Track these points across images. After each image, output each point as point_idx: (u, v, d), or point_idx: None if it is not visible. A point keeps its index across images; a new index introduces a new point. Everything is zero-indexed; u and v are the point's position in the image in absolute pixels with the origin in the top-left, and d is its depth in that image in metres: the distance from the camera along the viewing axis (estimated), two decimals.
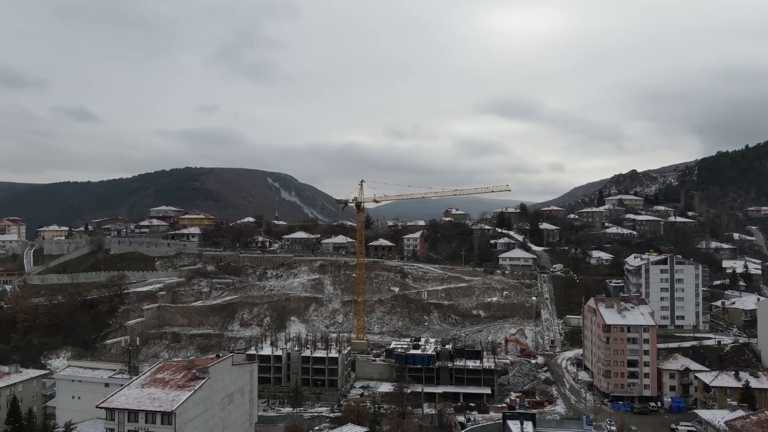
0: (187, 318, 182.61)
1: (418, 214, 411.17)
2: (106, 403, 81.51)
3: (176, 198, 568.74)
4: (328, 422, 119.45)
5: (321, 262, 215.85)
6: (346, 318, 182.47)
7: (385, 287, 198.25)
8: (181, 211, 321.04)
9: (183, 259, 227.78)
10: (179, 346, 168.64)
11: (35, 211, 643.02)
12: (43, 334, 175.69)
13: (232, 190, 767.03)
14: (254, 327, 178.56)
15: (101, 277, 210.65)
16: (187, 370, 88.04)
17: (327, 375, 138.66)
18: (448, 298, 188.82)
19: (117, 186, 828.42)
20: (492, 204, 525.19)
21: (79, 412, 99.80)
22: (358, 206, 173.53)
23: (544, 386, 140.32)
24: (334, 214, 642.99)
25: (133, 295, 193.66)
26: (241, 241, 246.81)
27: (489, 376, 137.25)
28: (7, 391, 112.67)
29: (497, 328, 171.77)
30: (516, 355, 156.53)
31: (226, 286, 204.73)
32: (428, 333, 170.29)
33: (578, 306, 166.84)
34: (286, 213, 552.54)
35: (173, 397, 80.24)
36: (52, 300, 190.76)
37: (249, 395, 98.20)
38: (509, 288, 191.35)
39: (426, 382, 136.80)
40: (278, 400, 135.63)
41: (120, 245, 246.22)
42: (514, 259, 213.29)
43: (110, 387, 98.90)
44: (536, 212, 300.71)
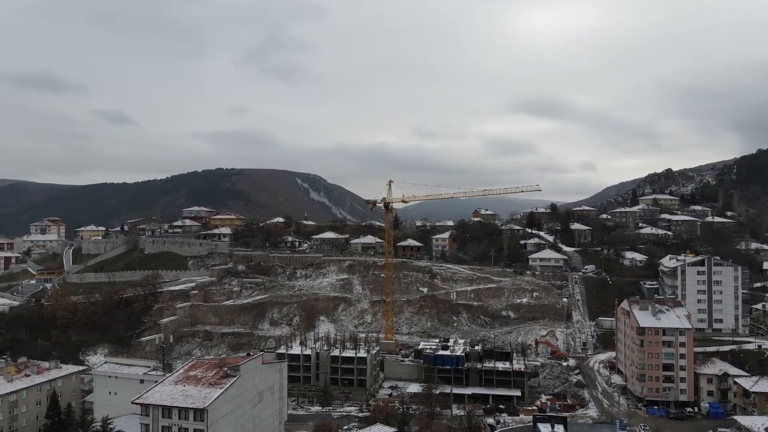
0: (218, 317, 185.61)
1: (447, 215, 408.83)
2: (141, 399, 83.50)
3: (208, 198, 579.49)
4: (356, 422, 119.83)
5: (350, 262, 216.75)
6: (374, 318, 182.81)
7: (413, 288, 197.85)
8: (212, 211, 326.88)
9: (214, 259, 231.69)
10: (211, 344, 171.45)
11: (74, 211, 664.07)
12: (81, 331, 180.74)
13: (262, 191, 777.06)
14: (284, 326, 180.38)
15: (136, 276, 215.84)
16: (218, 368, 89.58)
17: (356, 375, 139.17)
18: (477, 298, 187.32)
19: (151, 187, 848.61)
20: (521, 204, 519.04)
21: (115, 407, 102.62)
22: (387, 206, 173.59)
23: (576, 389, 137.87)
24: (363, 215, 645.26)
25: (166, 293, 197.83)
26: (271, 241, 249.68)
27: (519, 378, 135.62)
28: (48, 386, 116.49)
29: (527, 329, 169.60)
30: (546, 357, 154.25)
31: (257, 286, 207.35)
32: (457, 334, 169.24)
33: (611, 308, 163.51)
34: (315, 213, 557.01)
35: (205, 395, 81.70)
36: (90, 298, 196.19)
37: (279, 393, 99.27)
38: (539, 289, 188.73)
39: (455, 383, 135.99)
40: (307, 398, 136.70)
41: (154, 245, 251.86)
42: (544, 259, 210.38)
43: (145, 383, 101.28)
44: (567, 212, 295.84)
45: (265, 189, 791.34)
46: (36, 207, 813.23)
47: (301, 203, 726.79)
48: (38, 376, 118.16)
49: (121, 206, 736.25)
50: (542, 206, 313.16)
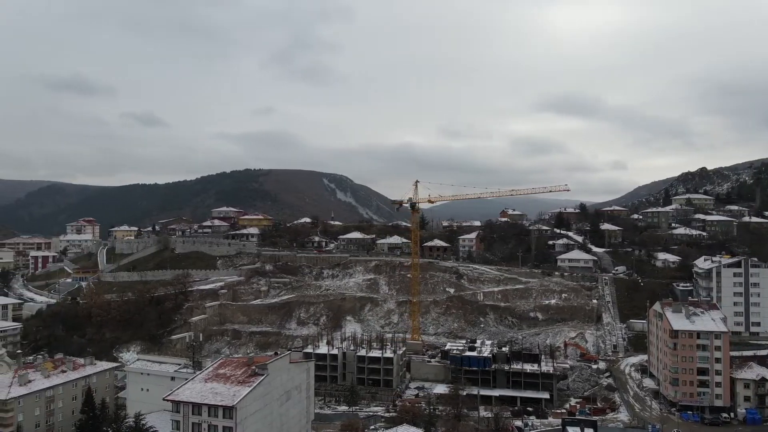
0: (246, 316, 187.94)
1: (474, 215, 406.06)
2: (172, 396, 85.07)
3: (236, 199, 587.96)
4: (383, 422, 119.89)
5: (376, 262, 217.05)
6: (401, 318, 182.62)
7: (440, 288, 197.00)
8: (240, 211, 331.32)
9: (243, 259, 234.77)
10: (239, 343, 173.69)
11: (108, 212, 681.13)
12: (115, 328, 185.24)
13: (290, 191, 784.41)
14: (311, 326, 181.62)
15: (167, 275, 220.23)
16: (247, 366, 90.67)
17: (382, 375, 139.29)
18: (504, 299, 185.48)
19: (181, 188, 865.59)
20: (550, 204, 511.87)
21: (147, 403, 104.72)
22: (413, 207, 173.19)
23: (606, 392, 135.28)
24: (389, 215, 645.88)
25: (196, 292, 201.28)
26: (298, 241, 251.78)
27: (547, 380, 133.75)
28: (83, 382, 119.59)
29: (556, 331, 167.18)
30: (576, 360, 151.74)
31: (284, 285, 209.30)
32: (484, 335, 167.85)
33: (642, 310, 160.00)
34: (341, 213, 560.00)
35: (234, 392, 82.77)
36: (123, 296, 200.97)
37: (306, 393, 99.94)
38: (568, 290, 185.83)
39: (482, 385, 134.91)
40: (334, 398, 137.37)
41: (184, 245, 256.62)
42: (573, 260, 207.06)
43: (176, 380, 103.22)
44: (597, 212, 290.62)
45: (293, 189, 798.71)
46: (72, 207, 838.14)
47: (328, 203, 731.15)
48: (74, 372, 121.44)
49: (153, 207, 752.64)
50: (571, 206, 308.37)
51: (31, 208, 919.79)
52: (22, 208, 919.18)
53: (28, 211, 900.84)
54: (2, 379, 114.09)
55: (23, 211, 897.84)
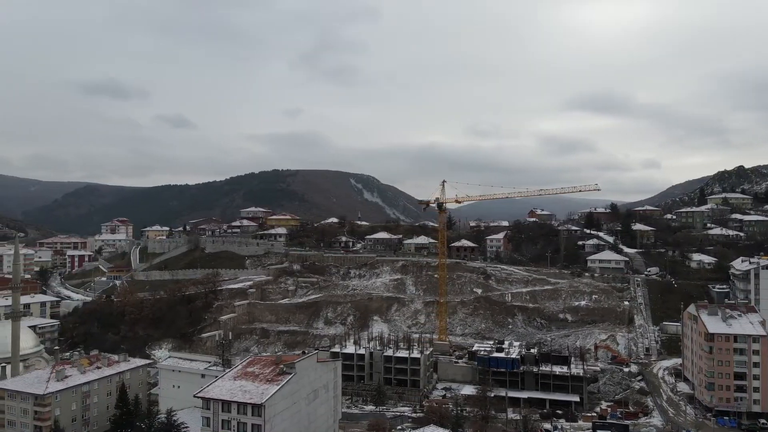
0: (274, 315, 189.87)
1: (502, 215, 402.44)
2: (202, 393, 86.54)
3: (264, 199, 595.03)
4: (410, 422, 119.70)
5: (403, 262, 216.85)
6: (428, 319, 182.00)
7: (467, 288, 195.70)
8: (269, 212, 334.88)
9: (271, 258, 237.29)
10: (268, 342, 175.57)
11: (140, 212, 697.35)
12: (147, 326, 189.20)
13: (317, 191, 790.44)
14: (338, 325, 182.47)
15: (197, 274, 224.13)
16: (275, 365, 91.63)
17: (409, 375, 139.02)
18: (532, 300, 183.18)
19: (211, 188, 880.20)
20: (579, 204, 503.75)
21: (178, 400, 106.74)
22: (440, 207, 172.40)
23: (639, 396, 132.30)
24: (416, 215, 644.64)
25: (225, 291, 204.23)
26: (325, 241, 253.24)
27: (577, 383, 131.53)
28: (117, 378, 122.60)
29: (586, 333, 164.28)
30: (607, 362, 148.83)
31: (311, 285, 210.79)
32: (512, 336, 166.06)
33: (676, 312, 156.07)
34: (368, 213, 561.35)
35: (263, 390, 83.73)
36: (155, 295, 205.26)
37: (333, 392, 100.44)
38: (599, 291, 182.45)
39: (510, 387, 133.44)
40: (361, 397, 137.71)
41: (214, 244, 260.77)
42: (604, 261, 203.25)
43: (206, 378, 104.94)
44: (628, 212, 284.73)
45: (320, 189, 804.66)
46: (106, 208, 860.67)
47: (355, 203, 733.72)
48: (108, 368, 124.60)
49: (183, 207, 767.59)
50: (601, 206, 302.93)
51: (68, 209, 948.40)
52: (60, 209, 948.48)
53: (65, 212, 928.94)
54: (40, 375, 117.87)
55: (60, 212, 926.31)
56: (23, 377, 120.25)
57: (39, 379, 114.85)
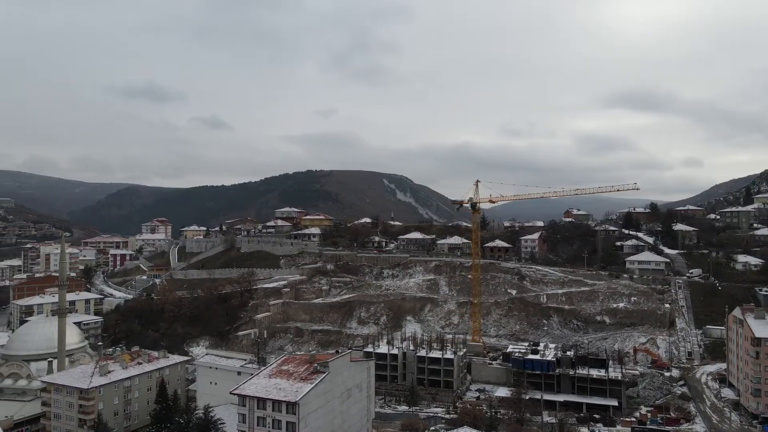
0: (308, 314, 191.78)
1: (536, 215, 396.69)
2: (238, 390, 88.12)
3: (298, 199, 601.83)
4: (443, 423, 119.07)
5: (436, 262, 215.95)
6: (461, 319, 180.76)
7: (501, 289, 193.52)
8: (302, 212, 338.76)
9: (305, 258, 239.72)
10: (302, 341, 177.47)
11: (179, 212, 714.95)
12: (186, 323, 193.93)
13: (350, 192, 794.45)
14: (371, 325, 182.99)
15: (233, 273, 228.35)
16: (309, 363, 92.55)
17: (442, 376, 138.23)
18: (569, 302, 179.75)
19: (246, 189, 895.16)
20: (617, 204, 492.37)
21: (215, 396, 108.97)
22: (474, 207, 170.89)
23: (680, 402, 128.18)
24: (449, 215, 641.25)
25: (260, 290, 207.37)
26: (359, 241, 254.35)
27: (615, 387, 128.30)
28: (157, 374, 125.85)
29: (624, 336, 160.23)
30: (646, 367, 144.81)
31: (345, 285, 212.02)
32: (547, 338, 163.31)
33: (720, 315, 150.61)
34: (401, 213, 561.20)
35: (297, 389, 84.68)
36: (193, 293, 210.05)
37: (366, 391, 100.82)
38: (638, 293, 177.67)
39: (545, 389, 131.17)
40: (394, 398, 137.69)
41: (249, 244, 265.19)
42: (643, 262, 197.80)
43: (242, 375, 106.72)
44: (669, 212, 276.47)
45: (353, 190, 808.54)
46: (146, 209, 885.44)
47: (388, 204, 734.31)
48: (149, 364, 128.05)
49: (220, 207, 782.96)
50: (641, 206, 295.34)
51: (110, 209, 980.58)
52: (103, 209, 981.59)
53: (108, 212, 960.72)
54: (85, 369, 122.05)
55: (104, 212, 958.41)
56: (69, 372, 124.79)
57: (84, 373, 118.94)
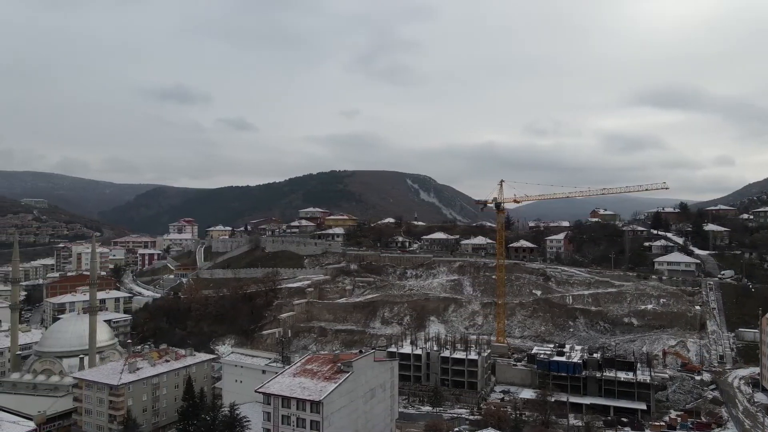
0: (332, 314, 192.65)
1: (562, 215, 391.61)
2: (263, 388, 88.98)
3: (322, 200, 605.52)
4: (468, 424, 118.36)
5: (460, 262, 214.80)
6: (485, 320, 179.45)
7: (526, 290, 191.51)
8: (326, 212, 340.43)
9: (328, 258, 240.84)
10: (325, 340, 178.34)
11: (205, 212, 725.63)
12: (212, 322, 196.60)
13: (373, 192, 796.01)
14: (394, 325, 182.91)
15: (258, 273, 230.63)
16: (332, 363, 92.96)
17: (466, 377, 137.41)
18: (595, 303, 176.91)
19: (271, 189, 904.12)
20: (645, 203, 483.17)
21: (240, 394, 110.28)
22: (498, 207, 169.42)
23: (712, 406, 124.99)
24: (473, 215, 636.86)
25: (285, 290, 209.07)
26: (382, 241, 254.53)
27: (644, 390, 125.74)
28: (184, 371, 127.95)
29: (653, 338, 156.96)
30: (676, 370, 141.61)
31: (368, 285, 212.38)
32: (573, 340, 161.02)
33: (754, 318, 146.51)
34: (424, 214, 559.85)
35: (321, 388, 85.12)
36: (219, 292, 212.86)
37: (390, 391, 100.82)
38: (667, 295, 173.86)
39: (571, 392, 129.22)
40: (418, 398, 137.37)
41: (273, 244, 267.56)
42: (672, 263, 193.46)
43: (266, 374, 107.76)
44: (700, 212, 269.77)
45: (376, 190, 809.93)
46: (174, 209, 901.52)
47: (411, 204, 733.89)
48: (176, 362, 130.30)
49: (245, 208, 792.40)
50: (670, 205, 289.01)
51: (139, 209, 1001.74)
52: (132, 209, 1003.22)
53: (136, 212, 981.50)
54: (115, 366, 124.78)
55: (132, 212, 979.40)
56: (99, 368, 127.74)
57: (113, 370, 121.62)
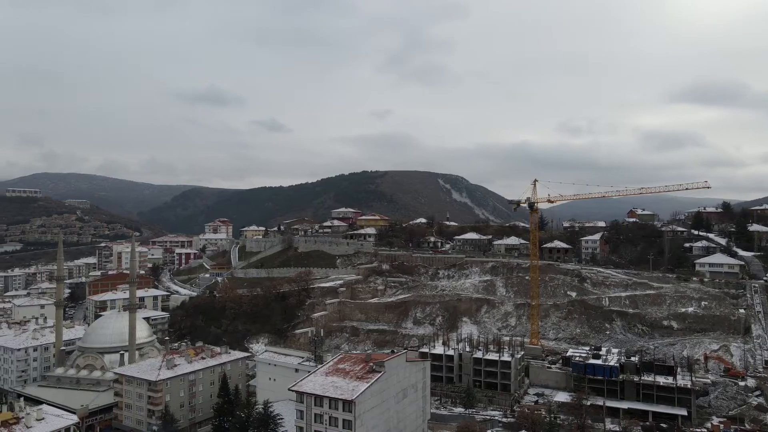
0: (364, 313, 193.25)
1: (597, 215, 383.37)
2: (296, 387, 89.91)
3: (354, 200, 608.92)
4: (501, 426, 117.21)
5: (492, 263, 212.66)
6: (519, 321, 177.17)
7: (560, 291, 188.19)
8: (358, 212, 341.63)
9: (360, 258, 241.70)
10: (357, 340, 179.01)
11: (239, 213, 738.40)
12: (246, 321, 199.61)
13: (405, 192, 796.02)
14: (426, 326, 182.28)
15: (291, 272, 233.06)
16: (365, 362, 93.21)
17: (499, 378, 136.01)
18: (633, 305, 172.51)
19: (303, 190, 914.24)
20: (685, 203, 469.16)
21: (274, 392, 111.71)
22: (532, 207, 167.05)
23: (756, 413, 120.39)
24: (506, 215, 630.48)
25: (317, 290, 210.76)
26: (414, 242, 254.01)
27: (684, 395, 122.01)
28: (219, 369, 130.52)
29: (694, 342, 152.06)
30: (719, 375, 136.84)
31: (400, 285, 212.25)
32: (610, 342, 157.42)
33: None
34: (457, 214, 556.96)
35: (353, 387, 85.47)
36: (253, 291, 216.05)
37: (422, 392, 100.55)
38: (709, 298, 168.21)
39: (608, 396, 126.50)
40: (450, 399, 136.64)
41: (306, 244, 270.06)
42: (714, 265, 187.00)
43: (299, 372, 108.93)
44: (744, 212, 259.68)
45: (408, 190, 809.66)
46: (209, 209, 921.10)
47: (443, 204, 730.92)
48: (212, 359, 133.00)
49: (278, 208, 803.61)
50: (711, 205, 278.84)
51: (176, 210, 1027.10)
52: (169, 210, 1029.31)
53: (173, 213, 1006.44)
54: (153, 363, 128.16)
55: (169, 213, 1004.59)
56: (139, 364, 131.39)
57: (152, 366, 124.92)
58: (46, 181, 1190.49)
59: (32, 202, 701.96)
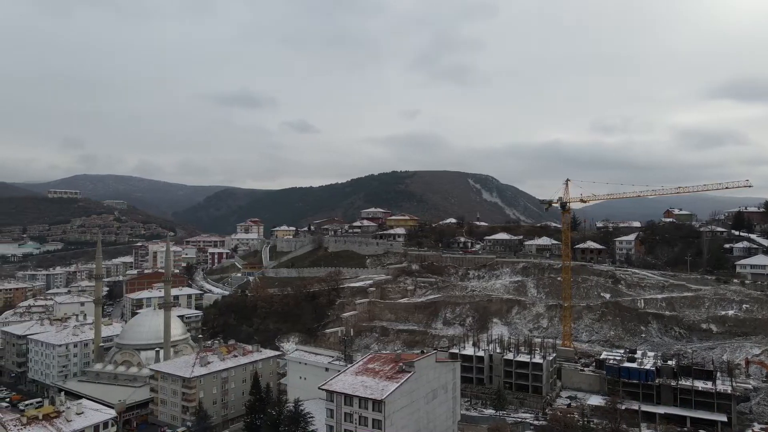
0: (394, 314, 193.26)
1: (631, 215, 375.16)
2: (326, 385, 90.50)
3: (383, 200, 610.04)
4: (532, 429, 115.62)
5: (524, 264, 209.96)
6: (550, 323, 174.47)
7: (593, 293, 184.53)
8: (388, 212, 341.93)
9: (390, 258, 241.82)
10: (387, 340, 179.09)
11: (270, 213, 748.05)
12: (277, 320, 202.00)
13: (435, 192, 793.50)
14: (456, 326, 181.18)
15: (321, 272, 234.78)
16: (394, 362, 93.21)
17: (530, 380, 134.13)
18: (669, 308, 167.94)
19: (333, 190, 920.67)
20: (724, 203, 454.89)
21: (304, 390, 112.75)
22: (564, 206, 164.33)
23: None
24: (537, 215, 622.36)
25: (347, 289, 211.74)
26: (444, 242, 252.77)
27: (724, 401, 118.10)
28: (251, 366, 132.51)
29: (735, 346, 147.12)
30: (761, 380, 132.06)
31: (430, 285, 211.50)
32: (645, 345, 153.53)
33: None
34: (487, 214, 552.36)
35: (383, 387, 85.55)
36: (283, 291, 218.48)
37: (452, 393, 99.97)
38: (751, 300, 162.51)
39: (643, 400, 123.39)
40: (480, 400, 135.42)
41: (336, 244, 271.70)
42: (757, 266, 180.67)
43: (329, 371, 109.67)
44: None
45: (438, 190, 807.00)
46: (241, 209, 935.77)
47: (473, 204, 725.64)
48: (243, 357, 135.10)
49: (308, 208, 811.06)
50: (753, 204, 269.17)
51: (209, 210, 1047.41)
52: (202, 210, 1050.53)
53: (206, 213, 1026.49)
54: (187, 360, 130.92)
55: (202, 213, 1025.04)
56: (173, 361, 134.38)
57: (186, 363, 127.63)
58: (86, 182, 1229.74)
59: (73, 203, 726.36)
